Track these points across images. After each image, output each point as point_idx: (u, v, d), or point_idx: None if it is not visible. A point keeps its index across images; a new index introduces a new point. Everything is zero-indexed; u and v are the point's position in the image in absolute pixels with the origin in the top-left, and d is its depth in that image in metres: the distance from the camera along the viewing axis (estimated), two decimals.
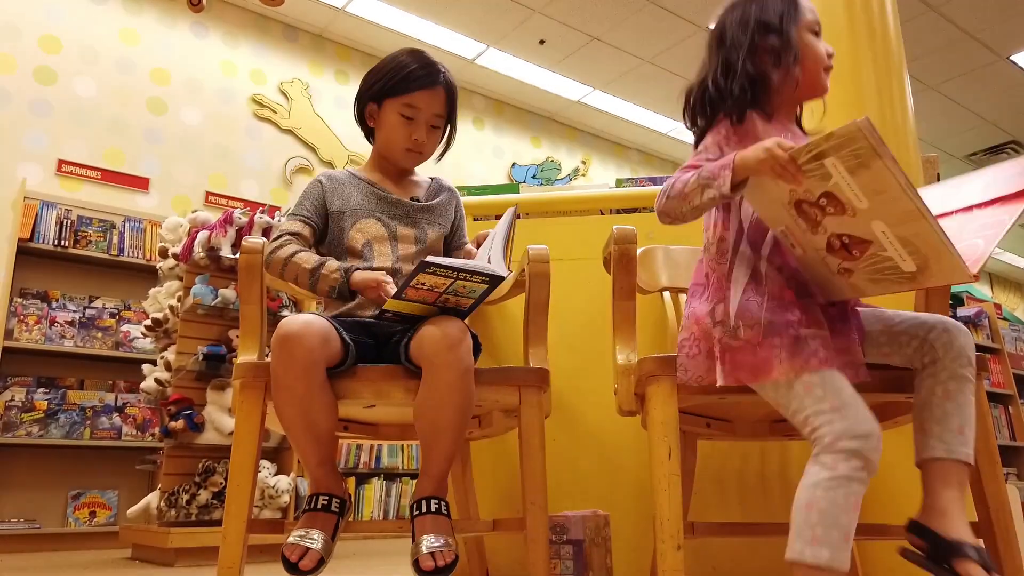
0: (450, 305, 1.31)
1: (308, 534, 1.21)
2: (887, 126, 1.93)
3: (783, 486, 1.72)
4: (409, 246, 1.52)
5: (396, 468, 4.68)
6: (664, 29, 5.43)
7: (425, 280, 1.24)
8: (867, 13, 2.01)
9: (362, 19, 5.30)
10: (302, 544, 1.19)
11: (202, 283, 3.18)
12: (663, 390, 1.22)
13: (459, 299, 1.30)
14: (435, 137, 1.58)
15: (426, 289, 1.26)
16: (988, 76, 5.97)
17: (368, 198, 1.55)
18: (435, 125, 1.56)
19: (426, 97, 1.53)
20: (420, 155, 1.58)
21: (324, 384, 1.25)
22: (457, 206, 1.66)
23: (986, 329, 4.91)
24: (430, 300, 1.29)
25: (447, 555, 1.17)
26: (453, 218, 1.64)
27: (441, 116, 1.57)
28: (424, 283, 1.24)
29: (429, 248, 1.54)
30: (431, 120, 1.55)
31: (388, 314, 1.32)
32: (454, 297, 1.29)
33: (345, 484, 1.34)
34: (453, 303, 1.31)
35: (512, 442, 1.40)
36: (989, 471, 1.21)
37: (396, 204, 1.55)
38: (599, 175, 6.92)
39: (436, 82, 1.55)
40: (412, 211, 1.56)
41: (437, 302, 1.30)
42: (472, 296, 1.30)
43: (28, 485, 3.79)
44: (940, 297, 1.37)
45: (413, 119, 1.54)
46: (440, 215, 1.60)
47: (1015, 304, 10.36)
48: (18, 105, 4.19)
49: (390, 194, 1.56)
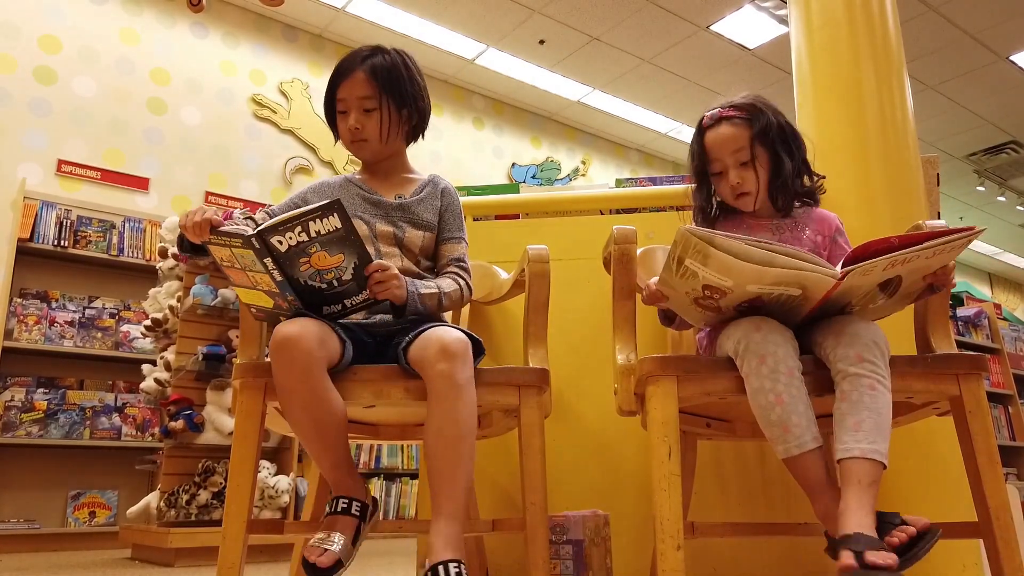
0: (261, 288, 1.29)
1: (329, 536, 1.21)
2: (887, 126, 1.93)
3: (783, 486, 1.72)
4: (389, 244, 1.51)
5: (396, 468, 4.68)
6: (664, 29, 5.43)
7: (215, 252, 1.26)
8: (867, 13, 2.01)
9: (362, 19, 5.30)
10: (321, 547, 1.19)
11: (202, 283, 3.18)
12: (663, 390, 1.22)
13: (256, 277, 1.27)
14: (373, 119, 1.53)
15: (236, 268, 1.27)
16: (988, 76, 5.97)
17: (354, 199, 1.55)
18: (367, 108, 1.53)
19: (347, 87, 1.53)
20: (365, 141, 1.55)
21: (327, 384, 1.25)
22: (445, 200, 1.61)
23: (986, 329, 4.91)
24: (248, 285, 1.30)
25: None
26: (439, 212, 1.59)
27: (369, 97, 1.52)
28: (218, 255, 1.27)
29: (407, 244, 1.52)
30: (360, 105, 1.53)
31: (252, 309, 1.35)
32: (253, 274, 1.27)
33: (366, 486, 1.33)
34: (264, 286, 1.28)
35: (512, 442, 1.40)
36: (989, 471, 1.21)
37: (377, 204, 1.55)
38: (599, 175, 6.92)
39: (352, 68, 1.53)
40: (391, 209, 1.55)
41: (258, 288, 1.29)
42: (257, 269, 1.25)
43: (28, 485, 3.79)
44: (938, 297, 1.37)
45: (345, 112, 1.54)
46: (422, 212, 1.56)
47: (1015, 304, 10.36)
48: (18, 105, 4.19)
49: (373, 193, 1.56)
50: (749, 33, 5.51)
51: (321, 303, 1.32)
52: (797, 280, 1.16)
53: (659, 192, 2.03)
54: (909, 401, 1.33)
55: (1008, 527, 1.18)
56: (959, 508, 1.55)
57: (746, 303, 1.23)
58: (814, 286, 1.16)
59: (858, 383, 1.16)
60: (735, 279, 1.17)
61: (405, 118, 1.57)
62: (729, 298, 1.22)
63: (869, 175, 1.89)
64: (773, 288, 1.18)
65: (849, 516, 1.08)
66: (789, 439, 1.16)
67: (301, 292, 1.29)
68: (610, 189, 2.13)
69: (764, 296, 1.20)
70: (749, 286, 1.18)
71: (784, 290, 1.18)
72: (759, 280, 1.16)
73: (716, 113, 1.49)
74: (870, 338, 1.20)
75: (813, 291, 1.18)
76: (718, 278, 1.17)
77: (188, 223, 1.27)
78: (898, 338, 1.35)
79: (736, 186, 1.46)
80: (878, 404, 1.15)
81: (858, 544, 1.02)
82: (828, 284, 1.15)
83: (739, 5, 5.17)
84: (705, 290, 1.22)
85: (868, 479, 1.11)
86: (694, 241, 1.14)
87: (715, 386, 1.24)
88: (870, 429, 1.13)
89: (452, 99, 6.08)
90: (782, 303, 1.23)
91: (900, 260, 1.14)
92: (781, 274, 1.14)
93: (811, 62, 2.05)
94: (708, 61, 5.85)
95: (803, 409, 1.17)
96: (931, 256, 1.16)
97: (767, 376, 1.17)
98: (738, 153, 1.46)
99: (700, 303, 1.26)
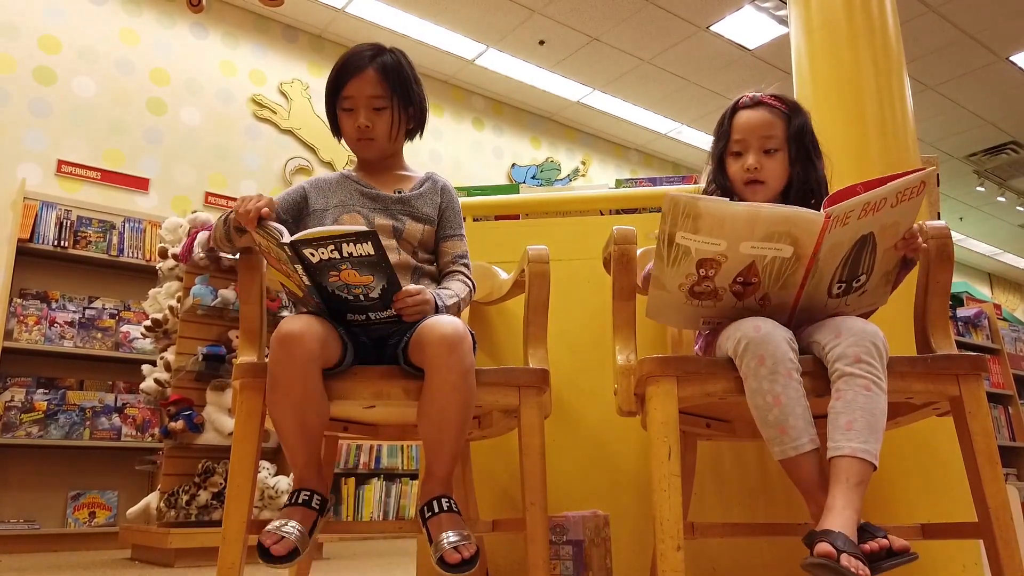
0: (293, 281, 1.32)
1: (286, 524, 1.22)
2: (887, 126, 1.93)
3: (783, 486, 1.72)
4: (387, 237, 1.51)
5: (396, 468, 4.68)
6: (664, 29, 5.43)
7: (258, 239, 1.31)
8: (867, 13, 2.01)
9: (362, 19, 5.30)
10: (278, 533, 1.20)
11: (202, 283, 3.18)
12: (663, 390, 1.22)
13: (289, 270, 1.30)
14: (382, 118, 1.54)
15: (273, 257, 1.31)
16: (988, 76, 5.97)
17: (352, 195, 1.55)
18: (377, 107, 1.53)
19: (356, 84, 1.53)
20: (372, 140, 1.55)
21: (319, 386, 1.26)
22: (444, 197, 1.61)
23: (986, 330, 4.91)
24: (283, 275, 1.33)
25: (469, 548, 1.19)
26: (439, 208, 1.60)
27: (379, 96, 1.53)
28: (260, 242, 1.31)
29: (407, 236, 1.53)
30: (370, 103, 1.53)
31: (283, 291, 1.39)
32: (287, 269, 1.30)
33: (327, 483, 1.36)
34: (296, 282, 1.31)
35: (512, 442, 1.40)
36: (989, 471, 1.21)
37: (376, 198, 1.56)
38: (599, 175, 6.92)
39: (362, 66, 1.52)
40: (390, 203, 1.55)
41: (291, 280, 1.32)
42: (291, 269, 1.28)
43: (28, 485, 3.79)
44: (939, 297, 1.37)
45: (353, 109, 1.54)
46: (421, 205, 1.57)
47: (1015, 305, 10.37)
48: (18, 105, 4.19)
49: (371, 188, 1.57)
50: (749, 33, 5.51)
51: (346, 311, 1.33)
52: (787, 227, 1.16)
53: (659, 192, 2.03)
54: (909, 401, 1.33)
55: (1008, 527, 1.18)
56: (959, 508, 1.55)
57: (740, 278, 1.23)
58: (804, 235, 1.17)
59: (853, 383, 1.16)
60: (728, 238, 1.17)
61: (409, 117, 1.59)
62: (725, 270, 1.22)
63: (869, 175, 1.88)
64: (765, 248, 1.18)
65: (834, 514, 1.08)
66: (786, 440, 1.16)
67: (327, 299, 1.31)
68: (610, 189, 2.13)
69: (757, 262, 1.20)
70: (742, 246, 1.18)
71: (776, 251, 1.19)
72: (751, 234, 1.17)
73: (758, 96, 1.45)
74: (869, 339, 1.19)
75: (804, 242, 1.18)
76: (712, 243, 1.17)
77: (242, 209, 1.31)
78: (898, 338, 1.35)
79: (751, 170, 1.42)
80: (872, 405, 1.15)
81: (837, 542, 1.02)
82: (817, 226, 1.16)
83: (739, 5, 5.17)
84: (700, 269, 1.22)
85: (856, 478, 1.11)
86: (683, 203, 1.16)
87: (715, 387, 1.24)
88: (862, 429, 1.13)
89: (452, 99, 6.08)
90: (776, 275, 1.23)
91: (872, 206, 1.18)
92: (770, 222, 1.16)
93: (811, 62, 2.06)
94: (708, 62, 5.86)
95: (801, 411, 1.17)
96: (896, 203, 1.20)
97: (765, 377, 1.17)
98: (766, 139, 1.42)
99: (695, 293, 1.26)
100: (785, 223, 1.17)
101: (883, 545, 1.07)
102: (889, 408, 1.34)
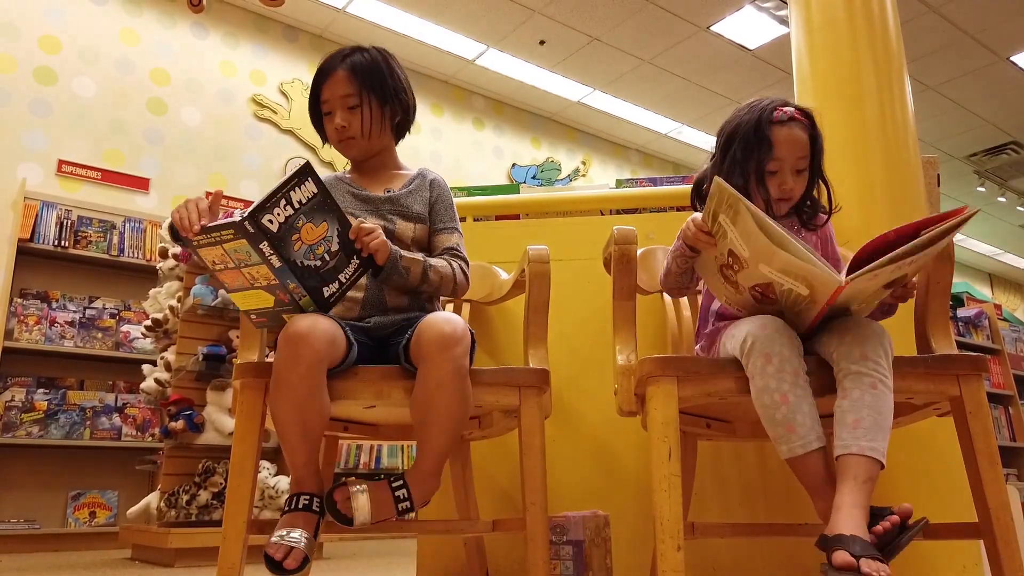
0: (260, 284, 1.27)
1: (291, 533, 1.20)
2: (887, 126, 1.93)
3: (783, 486, 1.72)
4: None
5: (396, 468, 4.68)
6: (664, 29, 5.43)
7: (205, 255, 1.25)
8: (867, 13, 2.01)
9: (362, 20, 5.30)
10: (285, 543, 1.18)
11: (202, 283, 3.18)
12: (663, 391, 1.22)
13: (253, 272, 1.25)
14: (357, 116, 1.54)
15: (230, 268, 1.26)
16: (988, 76, 5.97)
17: (344, 197, 1.55)
18: (351, 106, 1.53)
19: (329, 86, 1.54)
20: (352, 139, 1.55)
21: (323, 386, 1.25)
22: (434, 191, 1.60)
23: (986, 330, 4.91)
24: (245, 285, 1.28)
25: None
26: (428, 203, 1.59)
27: (351, 95, 1.53)
28: (210, 258, 1.26)
29: (398, 236, 1.52)
30: (344, 103, 1.54)
31: (252, 316, 1.34)
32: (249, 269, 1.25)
33: (325, 485, 1.34)
34: (263, 280, 1.26)
35: (512, 442, 1.40)
36: (989, 471, 1.21)
37: (366, 200, 1.56)
38: (599, 176, 6.92)
39: (333, 68, 1.54)
40: (380, 203, 1.55)
41: (256, 286, 1.28)
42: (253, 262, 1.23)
43: (28, 485, 3.79)
44: (939, 297, 1.37)
45: (330, 112, 1.55)
46: (411, 204, 1.56)
47: (1015, 305, 10.37)
48: (18, 105, 4.19)
49: (362, 190, 1.57)
50: (749, 33, 5.51)
51: (320, 285, 1.30)
52: (804, 273, 1.15)
53: (659, 193, 2.03)
54: (910, 402, 1.33)
55: (1008, 527, 1.18)
56: (959, 508, 1.55)
57: (759, 290, 1.23)
58: (820, 286, 1.16)
59: (860, 381, 1.16)
60: (751, 251, 1.17)
61: (389, 114, 1.58)
62: (744, 274, 1.22)
63: (869, 176, 1.89)
64: (782, 278, 1.17)
65: (843, 514, 1.08)
66: (793, 439, 1.16)
67: (300, 275, 1.26)
68: (610, 189, 2.13)
69: (775, 285, 1.20)
70: (760, 265, 1.17)
71: (792, 285, 1.18)
72: (769, 260, 1.15)
73: (791, 112, 1.43)
74: (875, 338, 1.20)
75: (819, 292, 1.17)
76: (740, 245, 1.18)
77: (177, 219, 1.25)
78: (898, 338, 1.35)
79: (786, 191, 1.43)
80: (879, 403, 1.15)
81: (853, 547, 1.02)
82: (833, 286, 1.14)
83: (739, 5, 5.17)
84: (729, 256, 1.22)
85: (864, 476, 1.11)
86: (728, 194, 1.15)
87: (716, 387, 1.24)
88: (869, 427, 1.13)
89: (452, 99, 6.08)
90: (792, 302, 1.22)
91: (906, 261, 1.13)
92: (789, 261, 1.13)
93: (811, 63, 2.06)
94: (708, 62, 5.86)
95: (808, 409, 1.17)
96: (929, 247, 1.15)
97: (772, 375, 1.17)
98: (800, 160, 1.43)
99: (724, 272, 1.27)
100: (803, 271, 1.15)
101: (894, 522, 1.08)
102: None
